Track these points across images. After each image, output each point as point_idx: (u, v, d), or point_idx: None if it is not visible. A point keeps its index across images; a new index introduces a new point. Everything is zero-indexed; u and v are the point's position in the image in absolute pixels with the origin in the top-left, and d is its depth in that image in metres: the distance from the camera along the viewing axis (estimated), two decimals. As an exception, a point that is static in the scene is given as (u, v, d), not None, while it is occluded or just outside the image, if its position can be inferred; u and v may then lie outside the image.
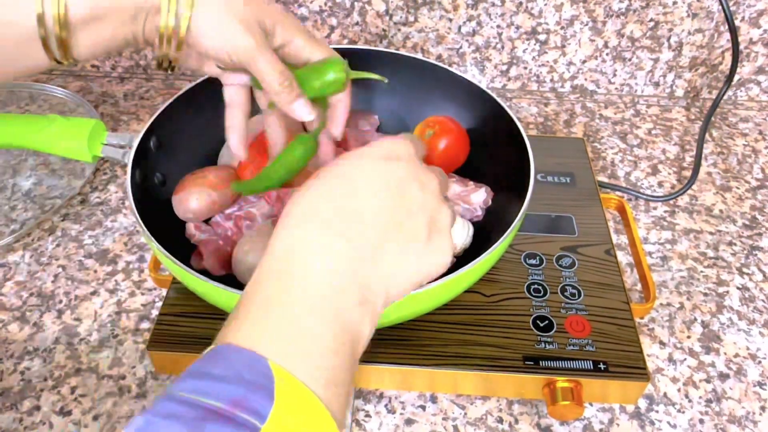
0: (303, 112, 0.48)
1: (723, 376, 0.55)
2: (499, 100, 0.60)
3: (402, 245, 0.35)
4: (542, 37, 0.84)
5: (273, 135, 0.55)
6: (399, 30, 0.85)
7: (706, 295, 0.62)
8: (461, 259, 0.57)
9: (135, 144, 0.56)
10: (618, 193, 0.72)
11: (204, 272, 0.53)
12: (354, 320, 0.32)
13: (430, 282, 0.39)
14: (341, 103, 0.52)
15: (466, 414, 0.52)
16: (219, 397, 0.26)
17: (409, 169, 0.36)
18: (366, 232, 0.34)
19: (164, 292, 0.60)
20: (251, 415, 0.26)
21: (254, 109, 0.66)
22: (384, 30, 0.85)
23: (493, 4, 0.81)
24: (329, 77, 0.48)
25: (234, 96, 0.52)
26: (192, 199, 0.55)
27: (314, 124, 0.54)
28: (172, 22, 0.42)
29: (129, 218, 0.69)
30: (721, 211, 0.71)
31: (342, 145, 0.63)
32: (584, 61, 0.86)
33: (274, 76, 0.45)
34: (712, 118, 0.84)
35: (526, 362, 0.51)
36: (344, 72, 0.49)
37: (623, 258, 0.65)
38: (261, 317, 0.30)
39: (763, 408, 0.53)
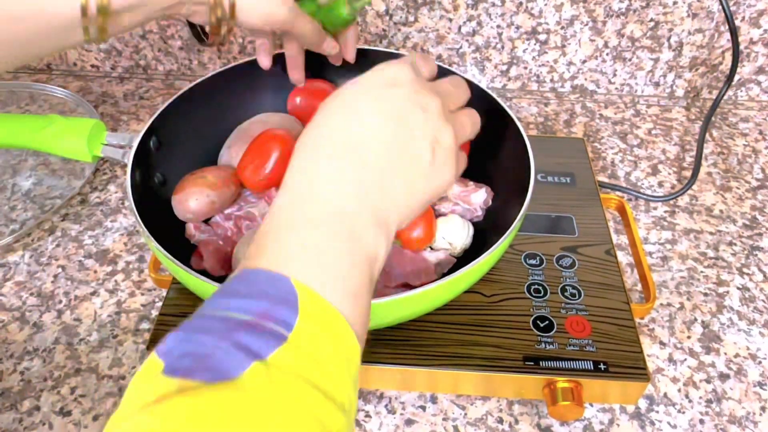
0: (330, 48, 0.58)
1: (723, 377, 0.55)
2: (499, 100, 0.60)
3: (408, 168, 0.36)
4: (542, 37, 0.84)
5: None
6: (399, 30, 0.85)
7: (706, 295, 0.62)
8: (461, 260, 0.57)
9: (135, 144, 0.56)
10: (618, 193, 0.72)
11: (204, 272, 0.53)
12: (369, 240, 0.34)
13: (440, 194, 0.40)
14: (351, 32, 0.60)
15: (466, 414, 0.52)
16: (247, 311, 0.28)
17: (410, 94, 0.38)
18: (373, 160, 0.35)
19: (164, 292, 0.60)
20: (279, 325, 0.28)
21: (254, 110, 0.66)
22: (384, 30, 0.85)
23: (493, 4, 0.81)
24: (339, 19, 0.57)
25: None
26: (191, 200, 0.55)
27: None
28: (219, 13, 0.48)
29: (129, 218, 0.69)
30: (721, 211, 0.71)
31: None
32: (584, 61, 0.86)
33: (310, 34, 0.55)
34: (713, 118, 0.84)
35: (527, 362, 0.51)
36: (350, 13, 0.57)
37: (623, 258, 0.65)
38: (281, 240, 0.32)
39: (763, 408, 0.53)
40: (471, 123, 0.43)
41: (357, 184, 0.35)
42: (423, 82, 0.39)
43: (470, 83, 0.62)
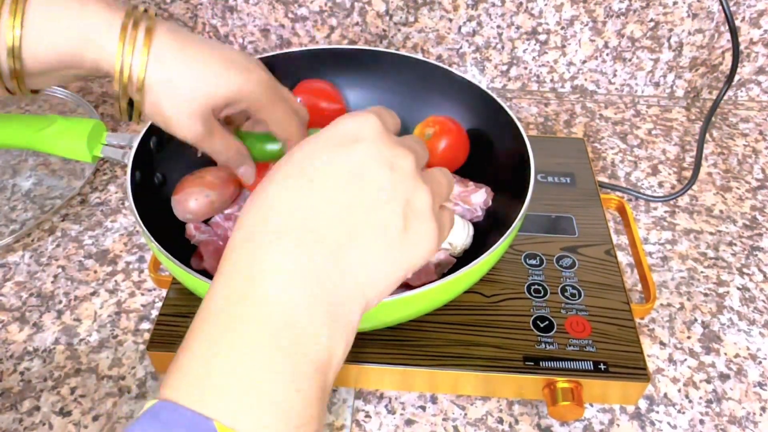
0: (248, 177, 0.51)
1: (723, 377, 0.55)
2: (499, 100, 0.60)
3: (373, 242, 0.30)
4: (542, 37, 0.84)
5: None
6: (399, 30, 0.85)
7: (706, 295, 0.62)
8: (461, 260, 0.57)
9: (135, 144, 0.56)
10: (618, 193, 0.72)
11: (204, 273, 0.53)
12: (321, 346, 0.28)
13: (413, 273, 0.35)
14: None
15: (466, 414, 0.52)
16: None
17: (373, 151, 0.31)
18: (328, 235, 0.29)
19: (164, 292, 0.60)
20: None
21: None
22: (384, 30, 0.85)
23: (493, 5, 0.81)
24: (266, 153, 0.53)
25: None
26: (190, 200, 0.55)
27: None
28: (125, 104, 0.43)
29: (129, 218, 0.69)
30: (721, 211, 0.71)
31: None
32: (584, 62, 0.86)
33: (224, 155, 0.48)
34: (713, 119, 0.84)
35: (527, 363, 0.51)
36: (279, 149, 0.53)
37: (623, 258, 0.65)
38: (206, 365, 0.26)
39: (763, 408, 0.53)
40: (447, 181, 0.36)
41: (308, 270, 0.28)
42: (391, 136, 0.33)
43: (470, 84, 0.63)
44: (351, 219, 0.30)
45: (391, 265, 0.31)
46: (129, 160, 0.54)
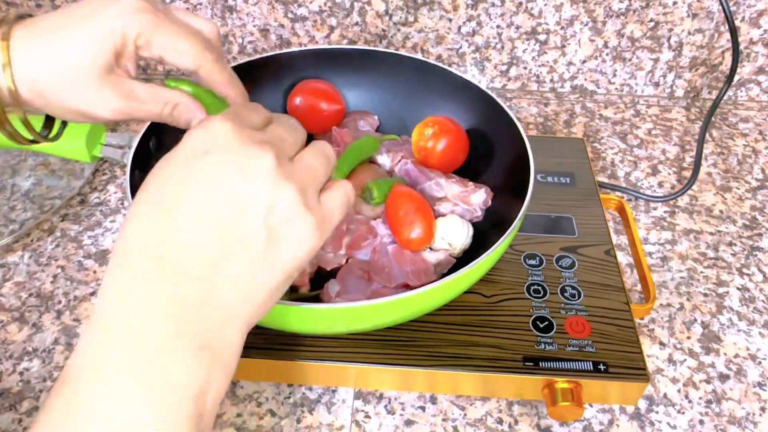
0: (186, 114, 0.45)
1: (723, 377, 0.55)
2: (499, 100, 0.60)
3: (238, 261, 0.29)
4: (542, 37, 0.84)
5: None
6: (399, 30, 0.85)
7: (706, 295, 0.62)
8: (461, 260, 0.56)
9: (134, 144, 0.55)
10: (618, 193, 0.72)
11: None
12: (191, 376, 0.27)
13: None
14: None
15: (465, 415, 0.52)
16: None
17: (224, 160, 0.30)
18: (189, 268, 0.28)
19: (164, 292, 0.60)
20: None
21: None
22: (384, 30, 0.85)
23: (493, 4, 0.81)
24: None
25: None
26: None
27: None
28: None
29: (128, 218, 0.69)
30: (721, 211, 0.71)
31: (341, 146, 0.63)
32: (584, 61, 0.86)
33: (159, 110, 0.42)
34: (712, 119, 0.84)
35: (526, 363, 0.51)
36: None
37: (623, 258, 0.65)
38: (71, 418, 0.25)
39: (763, 409, 0.53)
40: (322, 160, 0.34)
41: (171, 307, 0.27)
42: (245, 137, 0.31)
43: (470, 84, 0.63)
44: (212, 242, 0.29)
45: (266, 277, 0.30)
46: (128, 160, 0.54)
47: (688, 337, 0.58)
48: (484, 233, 0.57)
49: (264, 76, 0.65)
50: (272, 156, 0.30)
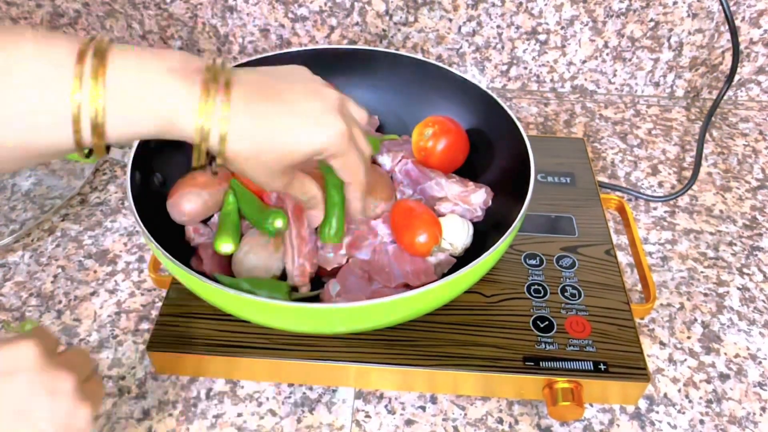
0: (312, 221, 0.50)
1: (723, 377, 0.55)
2: (499, 100, 0.60)
3: None
4: (542, 37, 0.84)
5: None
6: (399, 30, 0.85)
7: (706, 295, 0.62)
8: (461, 260, 0.56)
9: (135, 144, 0.56)
10: (618, 193, 0.72)
11: (204, 273, 0.53)
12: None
13: None
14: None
15: (466, 415, 0.52)
16: None
17: (31, 380, 0.34)
18: None
19: (164, 292, 0.60)
20: None
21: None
22: (384, 30, 0.85)
23: (493, 4, 0.81)
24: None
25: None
26: (184, 202, 0.55)
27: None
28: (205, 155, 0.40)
29: (128, 218, 0.69)
30: (721, 211, 0.71)
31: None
32: (584, 61, 0.86)
33: (299, 198, 0.47)
34: (712, 118, 0.84)
35: (527, 363, 0.51)
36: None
37: (623, 258, 0.65)
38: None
39: (763, 408, 0.53)
40: (100, 391, 0.40)
41: None
42: (49, 359, 0.35)
43: (470, 84, 0.63)
44: None
45: None
46: (129, 160, 0.54)
47: (689, 337, 0.58)
48: (484, 233, 0.57)
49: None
50: (73, 378, 0.35)
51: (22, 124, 0.35)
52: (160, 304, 0.59)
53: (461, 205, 0.59)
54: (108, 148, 0.38)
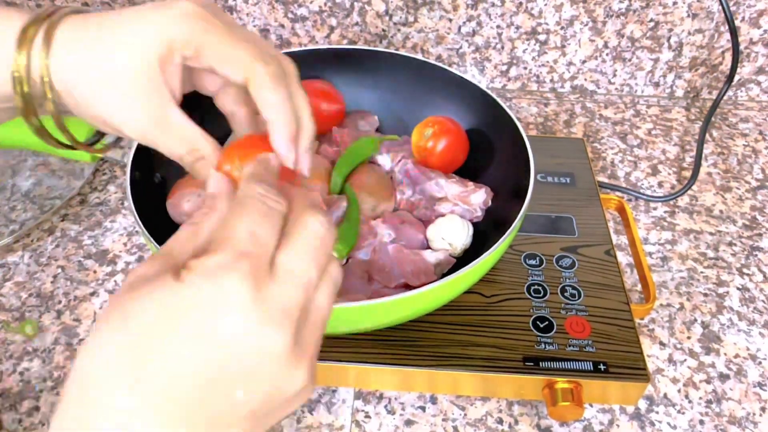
0: (198, 171, 0.38)
1: (723, 377, 0.55)
2: (499, 100, 0.60)
3: None
4: (542, 37, 0.84)
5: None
6: (399, 30, 0.85)
7: (706, 295, 0.62)
8: (461, 260, 0.56)
9: (134, 144, 0.55)
10: (618, 193, 0.72)
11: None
12: None
13: None
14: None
15: (465, 415, 0.52)
16: None
17: (234, 333, 0.26)
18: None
19: (164, 292, 0.60)
20: None
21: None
22: (384, 30, 0.85)
23: (493, 5, 0.81)
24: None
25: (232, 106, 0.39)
26: (184, 202, 0.55)
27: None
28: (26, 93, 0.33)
29: (128, 219, 0.69)
30: (721, 211, 0.71)
31: (341, 146, 0.63)
32: (584, 62, 0.86)
33: (180, 151, 0.37)
34: (712, 119, 0.84)
35: (526, 363, 0.51)
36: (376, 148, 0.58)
37: (623, 258, 0.65)
38: None
39: (763, 409, 0.53)
40: (332, 295, 0.31)
41: None
42: (263, 308, 0.27)
43: (470, 84, 0.63)
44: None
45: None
46: (128, 160, 0.54)
47: (688, 337, 0.58)
48: (484, 233, 0.57)
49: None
50: (289, 336, 0.27)
51: None
52: (159, 304, 0.59)
53: (461, 205, 0.59)
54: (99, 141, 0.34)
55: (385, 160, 0.63)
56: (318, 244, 0.29)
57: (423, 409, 0.53)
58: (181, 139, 0.36)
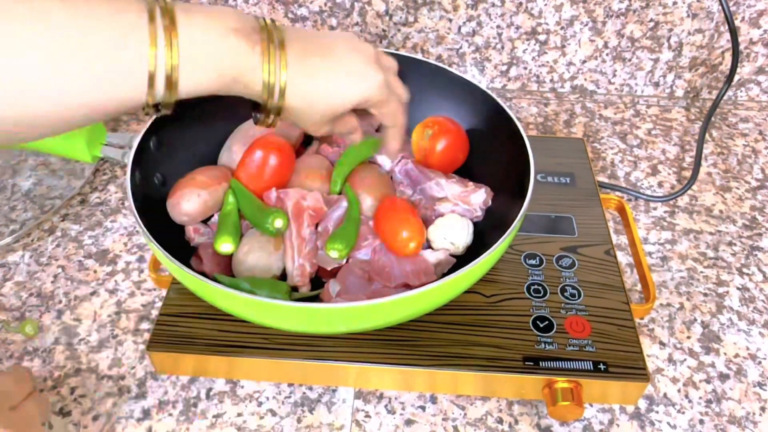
0: (354, 139, 0.54)
1: (723, 377, 0.55)
2: (499, 100, 0.60)
3: None
4: (542, 37, 0.84)
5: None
6: (399, 30, 0.85)
7: (706, 295, 0.62)
8: (461, 260, 0.57)
9: (135, 144, 0.56)
10: (618, 193, 0.72)
11: (204, 273, 0.53)
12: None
13: None
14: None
15: (465, 414, 0.52)
16: None
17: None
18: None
19: (164, 292, 0.60)
20: None
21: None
22: (384, 30, 0.85)
23: (493, 5, 0.81)
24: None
25: None
26: (183, 202, 0.55)
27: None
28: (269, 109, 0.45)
29: (129, 218, 0.69)
30: (721, 211, 0.71)
31: (340, 146, 0.63)
32: (584, 62, 0.86)
33: (348, 137, 0.53)
34: (712, 119, 0.84)
35: (526, 363, 0.51)
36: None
37: (623, 258, 0.65)
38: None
39: (763, 408, 0.53)
40: (41, 410, 0.45)
41: None
42: None
43: (470, 84, 0.63)
44: None
45: None
46: (129, 160, 0.54)
47: (688, 337, 0.58)
48: (484, 233, 0.58)
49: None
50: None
51: (95, 84, 0.36)
52: (160, 304, 0.59)
53: (461, 205, 0.59)
54: (176, 104, 0.41)
55: (385, 160, 0.63)
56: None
57: (423, 408, 0.53)
58: (349, 127, 0.52)
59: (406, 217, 0.55)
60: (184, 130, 0.61)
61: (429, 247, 0.57)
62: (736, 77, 0.86)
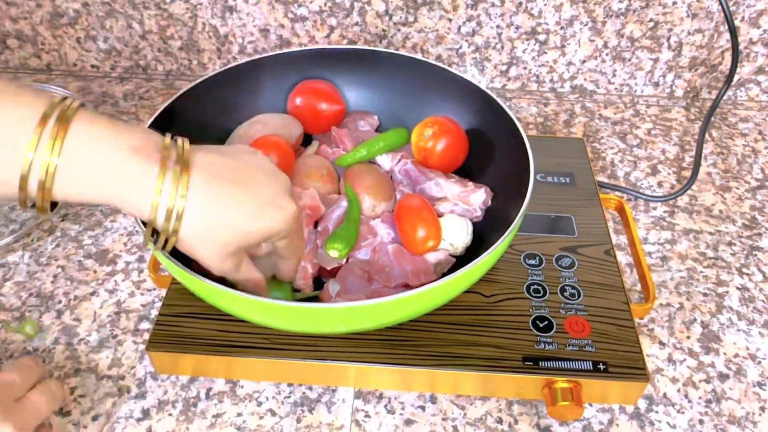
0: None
1: (723, 377, 0.55)
2: (498, 100, 0.60)
3: None
4: (542, 37, 0.84)
5: None
6: (399, 30, 0.85)
7: (705, 295, 0.62)
8: (461, 260, 0.57)
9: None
10: (617, 193, 0.72)
11: (204, 272, 0.53)
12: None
13: None
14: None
15: (465, 414, 0.52)
16: None
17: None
18: None
19: (164, 292, 0.60)
20: None
21: (254, 111, 0.66)
22: (384, 30, 0.85)
23: (493, 5, 0.81)
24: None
25: None
26: None
27: None
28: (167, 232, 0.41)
29: (128, 218, 0.69)
30: (720, 211, 0.71)
31: (340, 146, 0.63)
32: (584, 61, 0.86)
33: (242, 286, 0.47)
34: (712, 118, 0.84)
35: (526, 363, 0.51)
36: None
37: (623, 258, 0.65)
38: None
39: (762, 408, 0.53)
40: (47, 399, 0.44)
41: None
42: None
43: (470, 84, 0.63)
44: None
45: None
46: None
47: (688, 337, 0.58)
48: (484, 233, 0.58)
49: (265, 76, 0.65)
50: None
51: None
52: (160, 304, 0.59)
53: (461, 205, 0.59)
54: (54, 206, 0.39)
55: (384, 160, 0.63)
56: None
57: (423, 408, 0.53)
58: (246, 277, 0.47)
59: (425, 215, 0.55)
60: (185, 130, 0.61)
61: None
62: (736, 77, 0.86)
